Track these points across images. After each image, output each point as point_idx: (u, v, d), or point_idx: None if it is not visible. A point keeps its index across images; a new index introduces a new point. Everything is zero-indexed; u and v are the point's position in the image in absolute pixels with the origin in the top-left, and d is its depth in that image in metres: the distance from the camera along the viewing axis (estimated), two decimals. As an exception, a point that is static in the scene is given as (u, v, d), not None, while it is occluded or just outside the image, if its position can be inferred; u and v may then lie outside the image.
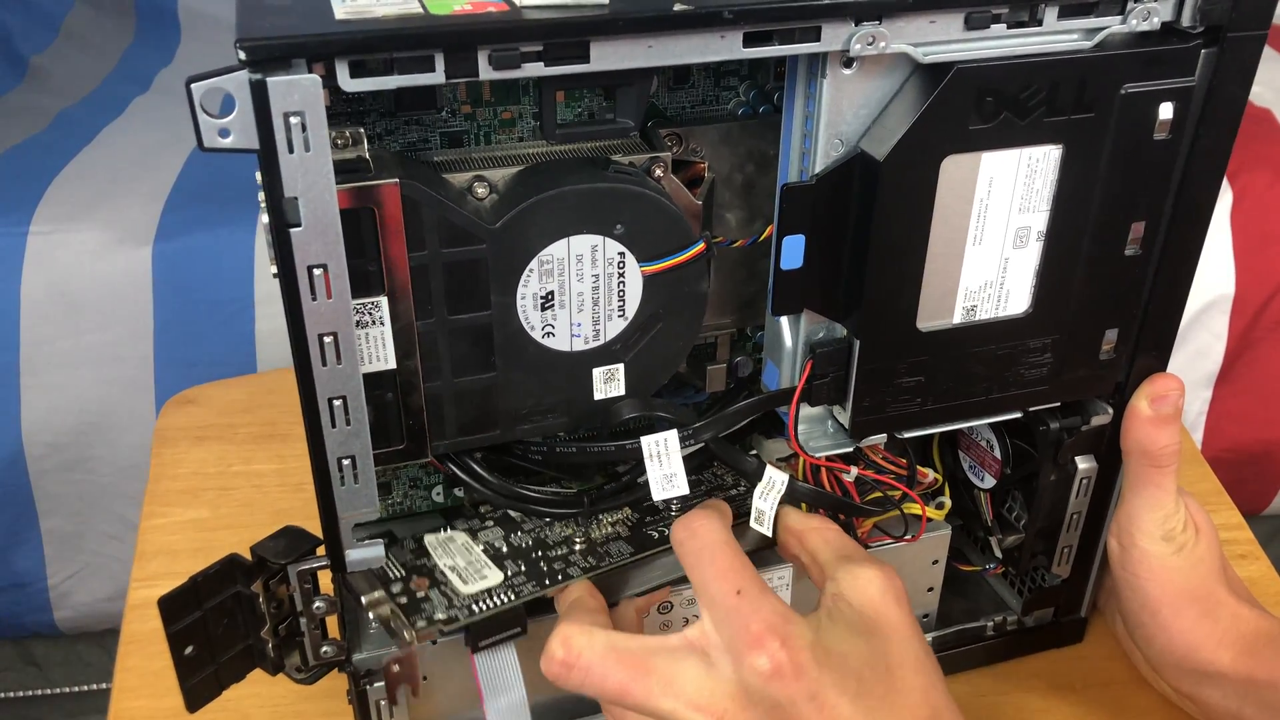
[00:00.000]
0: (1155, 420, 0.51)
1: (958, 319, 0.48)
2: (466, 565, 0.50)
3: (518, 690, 0.49)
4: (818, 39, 0.40)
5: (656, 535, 0.53)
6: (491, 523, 0.53)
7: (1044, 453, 0.53)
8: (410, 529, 0.55)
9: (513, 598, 0.48)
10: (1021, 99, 0.43)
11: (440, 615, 0.48)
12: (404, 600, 0.49)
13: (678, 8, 0.38)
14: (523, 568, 0.50)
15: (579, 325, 0.47)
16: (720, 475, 0.57)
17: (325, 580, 0.48)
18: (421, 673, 0.51)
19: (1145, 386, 0.51)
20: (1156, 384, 0.51)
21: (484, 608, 0.48)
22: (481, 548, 0.51)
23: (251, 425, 0.80)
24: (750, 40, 0.40)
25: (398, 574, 0.50)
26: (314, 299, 0.40)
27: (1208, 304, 1.20)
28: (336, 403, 0.42)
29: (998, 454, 0.56)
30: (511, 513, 0.53)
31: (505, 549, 0.51)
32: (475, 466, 0.50)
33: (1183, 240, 0.48)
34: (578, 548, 0.51)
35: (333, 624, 0.49)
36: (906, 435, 0.50)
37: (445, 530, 0.53)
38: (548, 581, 0.49)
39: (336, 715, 0.55)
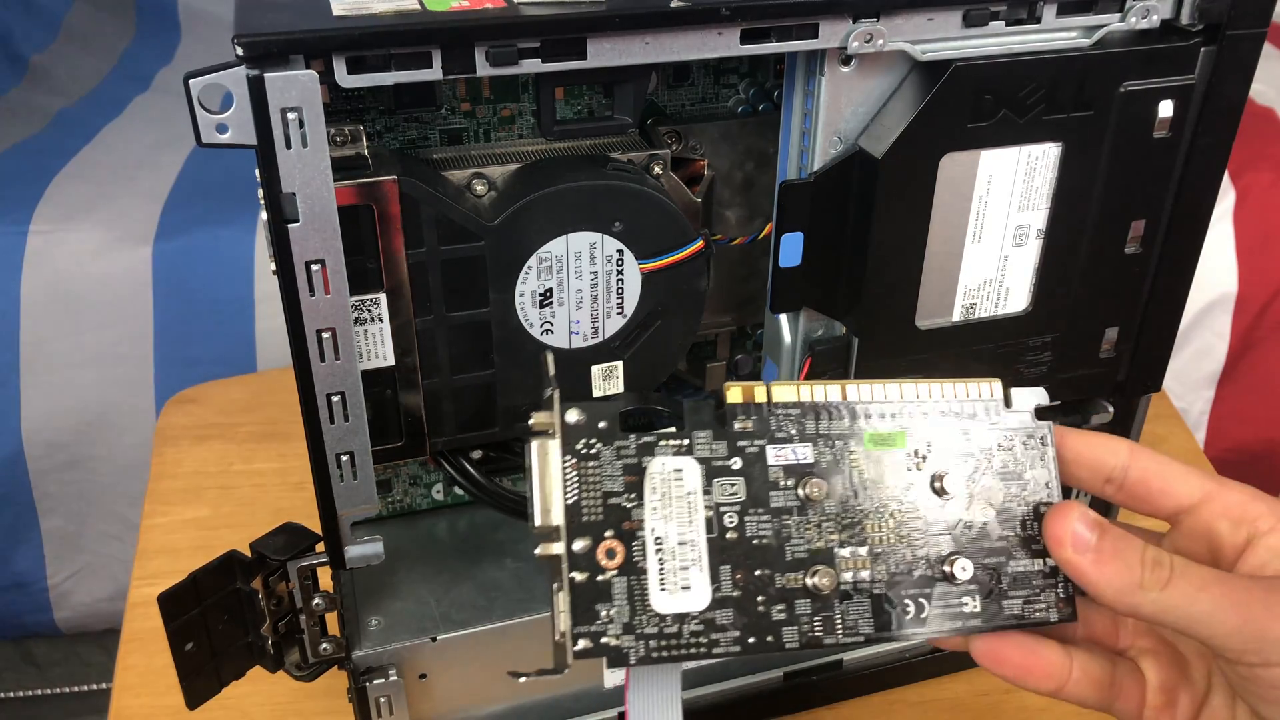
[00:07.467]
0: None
1: (957, 317, 0.48)
2: (676, 547, 0.35)
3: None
4: (815, 36, 0.40)
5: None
6: (737, 473, 0.36)
7: (1043, 451, 0.53)
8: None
9: (707, 644, 0.34)
10: (1020, 97, 0.43)
11: (611, 638, 0.33)
12: (581, 578, 0.33)
13: (674, 4, 0.38)
14: (737, 595, 0.35)
15: (578, 322, 0.47)
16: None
17: (325, 577, 0.48)
18: (420, 670, 0.51)
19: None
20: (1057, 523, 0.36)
21: (666, 645, 0.34)
22: (707, 515, 0.35)
23: (252, 424, 0.80)
24: (748, 37, 0.40)
25: (595, 508, 0.34)
26: (312, 294, 0.40)
27: (1210, 303, 1.20)
28: (335, 398, 0.42)
29: (997, 452, 0.56)
30: (770, 466, 0.36)
31: (734, 536, 0.35)
32: (468, 466, 0.50)
33: (1183, 238, 0.48)
34: (823, 585, 0.35)
35: (332, 621, 0.49)
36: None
37: (679, 451, 0.35)
38: (757, 639, 0.35)
39: (337, 714, 0.55)
